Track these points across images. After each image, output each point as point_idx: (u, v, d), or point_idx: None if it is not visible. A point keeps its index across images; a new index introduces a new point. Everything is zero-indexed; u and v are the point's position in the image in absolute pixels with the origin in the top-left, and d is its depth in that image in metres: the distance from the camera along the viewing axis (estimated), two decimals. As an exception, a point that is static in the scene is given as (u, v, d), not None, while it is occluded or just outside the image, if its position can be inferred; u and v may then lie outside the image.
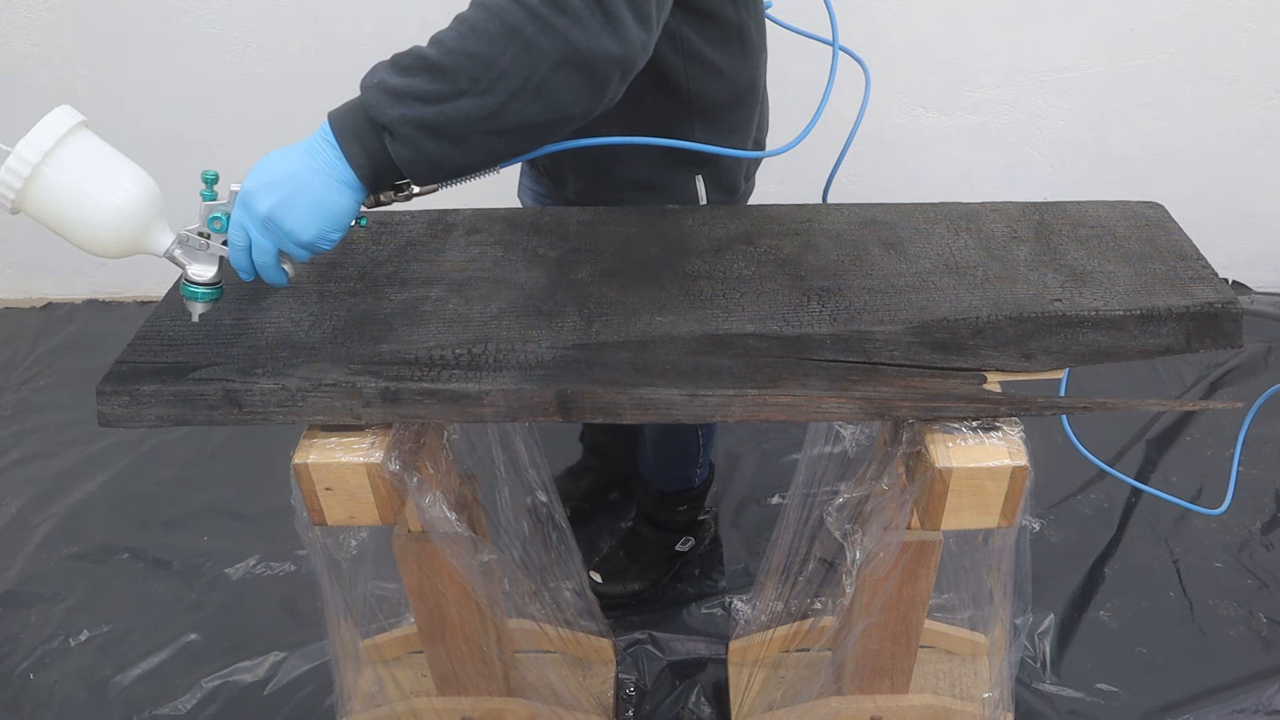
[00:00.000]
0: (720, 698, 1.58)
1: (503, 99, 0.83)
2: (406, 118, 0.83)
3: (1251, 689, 1.56)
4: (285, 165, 0.87)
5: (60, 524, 1.96)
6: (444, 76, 0.82)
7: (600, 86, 0.86)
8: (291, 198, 0.86)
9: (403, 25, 2.22)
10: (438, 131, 0.83)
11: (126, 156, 0.89)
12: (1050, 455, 2.00)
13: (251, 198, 0.87)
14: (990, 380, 0.95)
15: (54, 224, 0.86)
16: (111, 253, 0.89)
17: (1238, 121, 2.28)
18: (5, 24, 2.26)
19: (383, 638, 1.42)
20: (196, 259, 0.92)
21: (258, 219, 0.87)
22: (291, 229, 0.87)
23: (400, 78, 0.83)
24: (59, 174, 0.84)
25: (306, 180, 0.86)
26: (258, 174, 0.88)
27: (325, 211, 0.88)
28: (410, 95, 0.82)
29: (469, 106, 0.82)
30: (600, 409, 0.92)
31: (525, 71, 0.82)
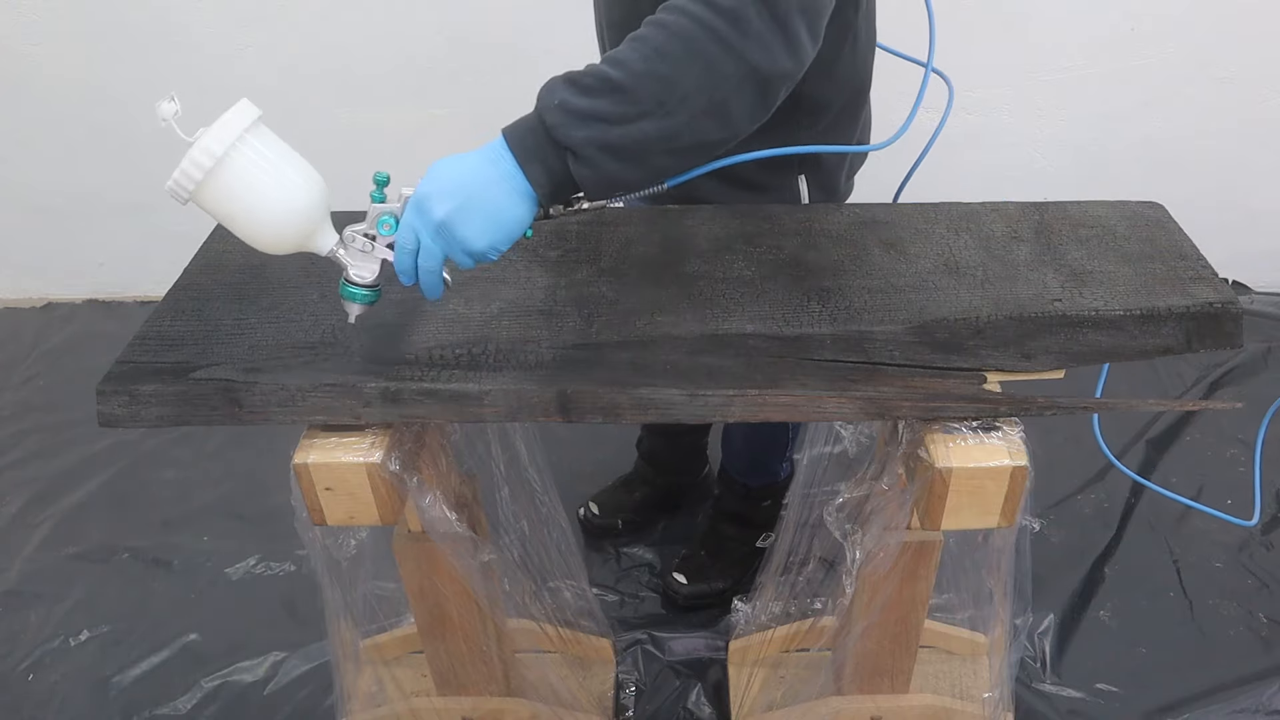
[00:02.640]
0: (720, 698, 1.58)
1: (684, 120, 0.84)
2: (591, 139, 0.83)
3: (1251, 689, 1.56)
4: (463, 174, 0.87)
5: (60, 524, 1.96)
6: (629, 99, 0.82)
7: (771, 102, 0.88)
8: (467, 206, 0.86)
9: (403, 25, 2.23)
10: (619, 152, 0.84)
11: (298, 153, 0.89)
12: (1050, 455, 2.01)
13: (427, 203, 0.87)
14: (990, 380, 0.95)
15: (225, 217, 0.87)
16: (278, 249, 0.90)
17: (1238, 121, 2.28)
18: (5, 24, 2.26)
19: (383, 638, 1.42)
20: (358, 260, 0.92)
21: (431, 225, 0.87)
22: (464, 237, 0.87)
23: (583, 99, 0.83)
24: (238, 169, 0.84)
25: (484, 191, 0.87)
26: (434, 180, 0.87)
27: (500, 223, 0.88)
28: (594, 117, 0.83)
29: (651, 128, 0.83)
30: (600, 409, 0.92)
31: (708, 93, 0.83)
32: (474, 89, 2.30)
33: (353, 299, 0.93)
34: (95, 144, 2.43)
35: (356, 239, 0.91)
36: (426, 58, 2.26)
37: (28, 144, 2.45)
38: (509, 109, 2.41)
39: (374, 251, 0.91)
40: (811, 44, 0.87)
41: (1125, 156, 2.35)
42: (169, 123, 0.83)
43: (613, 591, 1.77)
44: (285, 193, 0.87)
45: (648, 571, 1.82)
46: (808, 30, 0.85)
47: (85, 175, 2.49)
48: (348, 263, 0.92)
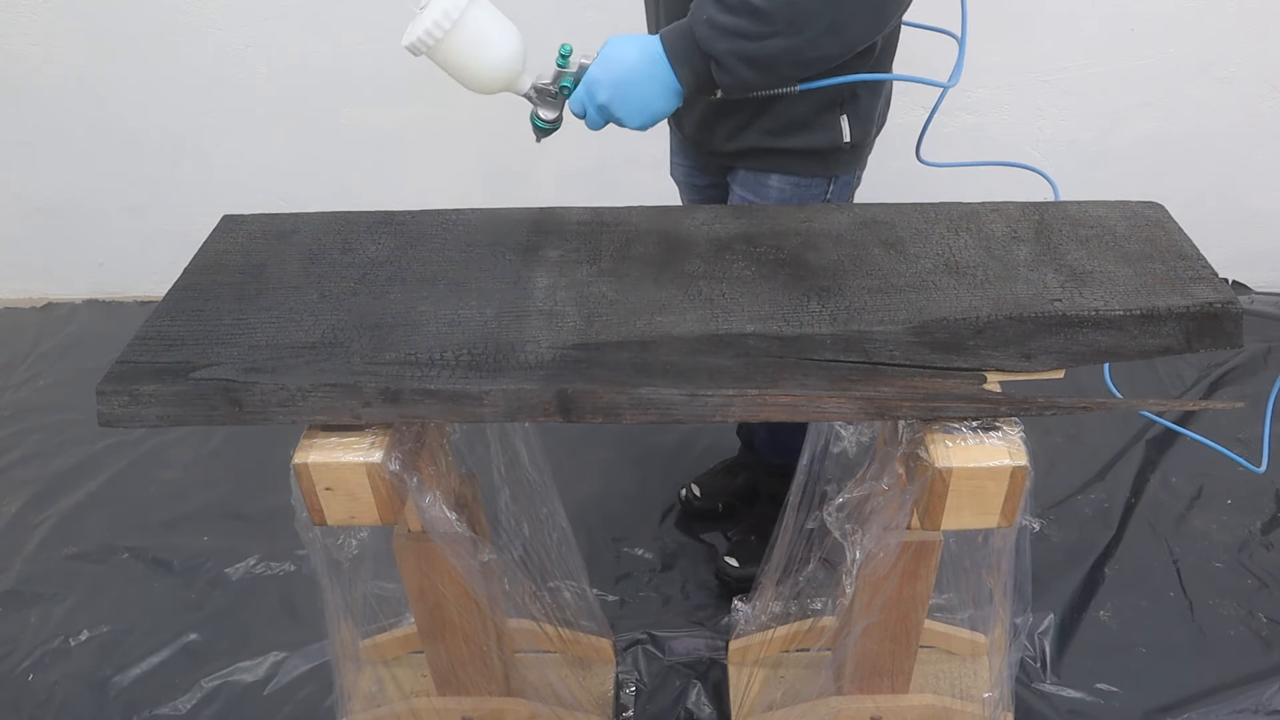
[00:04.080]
0: (720, 698, 1.58)
1: (810, 37, 1.01)
2: (731, 51, 1.02)
3: (1251, 689, 1.56)
4: (625, 64, 1.07)
5: (60, 524, 1.96)
6: (764, 18, 0.99)
7: (882, 23, 1.05)
8: (625, 95, 1.08)
9: (403, 25, 2.23)
10: (754, 63, 1.03)
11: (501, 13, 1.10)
12: (1050, 455, 2.01)
13: (595, 87, 1.09)
14: (990, 380, 0.95)
15: (452, 66, 1.10)
16: (491, 88, 1.12)
17: (1238, 121, 2.28)
18: (5, 24, 2.26)
19: (383, 638, 1.42)
20: (545, 103, 1.15)
21: (595, 103, 1.10)
22: (620, 117, 1.10)
23: (727, 16, 1.01)
24: (472, 23, 1.06)
25: (640, 83, 1.08)
26: (604, 67, 1.08)
27: (650, 111, 1.10)
28: (735, 32, 1.01)
29: (782, 44, 1.01)
30: (600, 409, 0.92)
31: (830, 15, 1.00)
32: (474, 89, 2.30)
33: (539, 129, 1.18)
34: (95, 144, 2.44)
35: (545, 89, 1.14)
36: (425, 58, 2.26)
37: (28, 144, 2.46)
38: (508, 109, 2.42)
39: (555, 99, 1.15)
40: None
41: (1125, 156, 2.35)
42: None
43: (613, 591, 1.77)
44: (500, 48, 1.09)
45: (648, 571, 1.82)
46: None
47: (85, 175, 2.49)
48: (538, 103, 1.15)
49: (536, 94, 1.14)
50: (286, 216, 1.19)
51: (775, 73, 1.06)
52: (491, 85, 1.12)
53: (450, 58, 1.09)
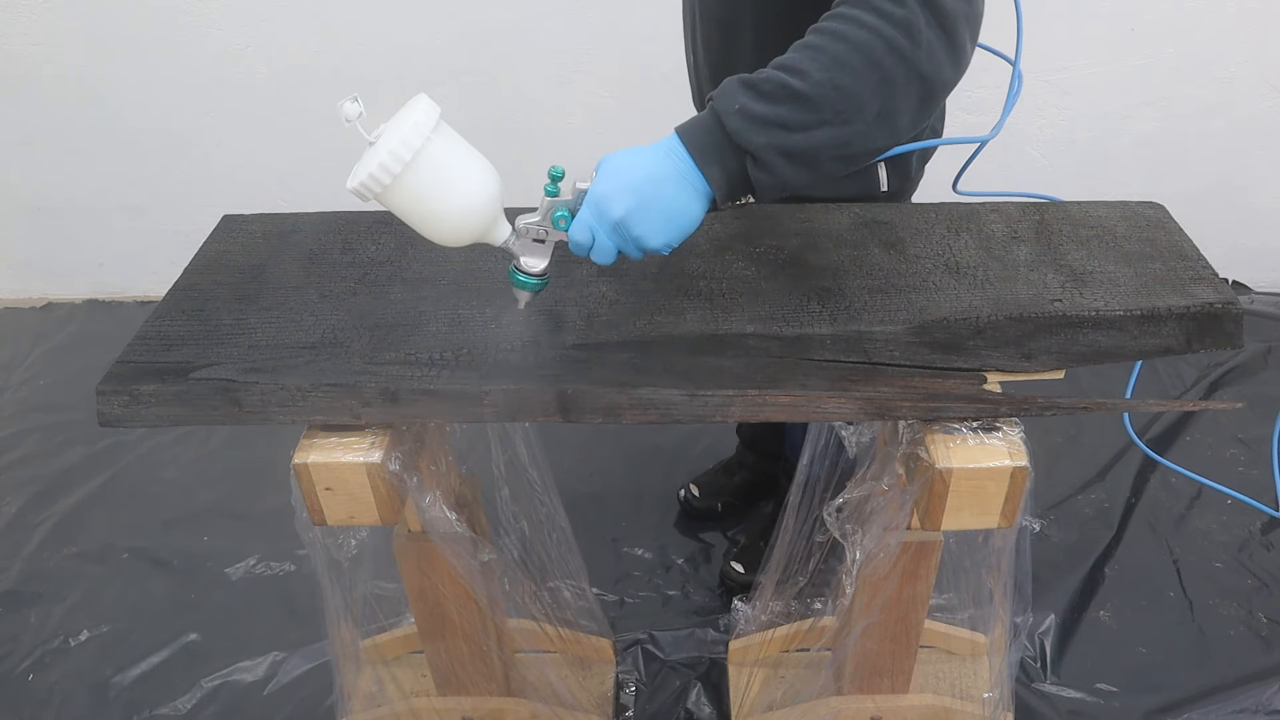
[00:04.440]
0: (720, 698, 1.58)
1: (859, 128, 0.86)
2: (771, 145, 0.85)
3: (1251, 689, 1.56)
4: (640, 172, 0.88)
5: (60, 524, 1.96)
6: (809, 107, 0.84)
7: (932, 109, 0.90)
8: (645, 205, 0.88)
9: (403, 25, 2.23)
10: (795, 157, 0.86)
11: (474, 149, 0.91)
12: (1050, 455, 2.01)
13: (606, 202, 0.88)
14: (990, 380, 0.95)
15: (410, 213, 0.88)
16: (457, 242, 0.91)
17: (1237, 121, 2.28)
18: (5, 24, 2.26)
19: (383, 638, 1.42)
20: (530, 250, 0.94)
21: (608, 223, 0.89)
22: (640, 235, 0.89)
23: (764, 105, 0.85)
24: (428, 167, 0.85)
25: (661, 190, 0.88)
26: (611, 176, 0.89)
27: (677, 221, 0.90)
28: (775, 123, 0.85)
29: (828, 135, 0.86)
30: (600, 409, 0.92)
31: (880, 102, 0.85)
32: (474, 89, 2.30)
33: (523, 287, 0.96)
34: (95, 144, 2.44)
35: (531, 229, 0.93)
36: (426, 58, 2.26)
37: (28, 144, 2.46)
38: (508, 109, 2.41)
39: (546, 242, 0.94)
40: (971, 52, 0.89)
41: (1125, 156, 2.35)
42: (354, 124, 0.84)
43: (613, 591, 1.77)
44: (470, 188, 0.88)
45: (648, 571, 1.82)
46: (970, 39, 0.88)
47: (85, 175, 2.49)
48: (521, 253, 0.94)
49: (519, 240, 0.93)
50: (286, 216, 1.19)
51: (817, 168, 0.89)
52: (461, 235, 0.90)
53: (407, 203, 0.87)
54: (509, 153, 2.40)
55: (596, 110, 2.30)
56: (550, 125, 2.34)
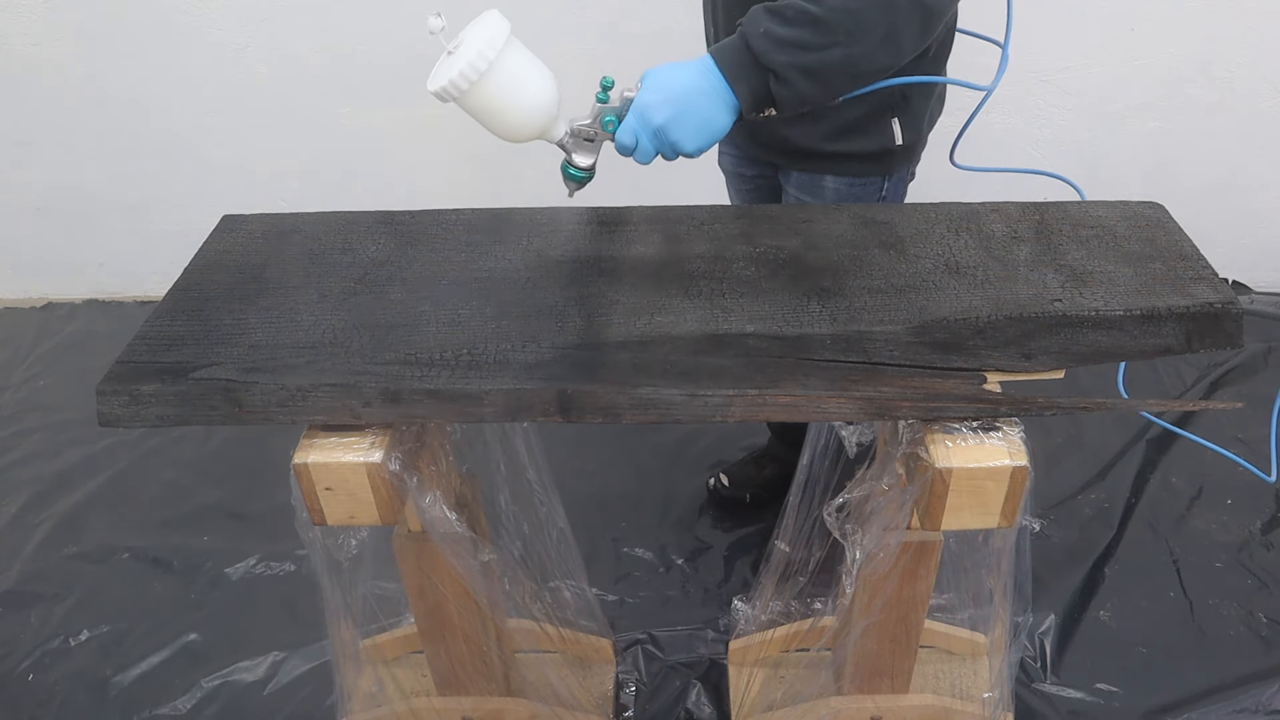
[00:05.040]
0: (720, 698, 1.58)
1: (866, 48, 0.99)
2: (790, 63, 0.99)
3: (1251, 689, 1.56)
4: (679, 86, 1.02)
5: (60, 524, 1.96)
6: (823, 29, 0.98)
7: (931, 33, 1.04)
8: (683, 114, 1.02)
9: (403, 25, 2.23)
10: (812, 74, 1.00)
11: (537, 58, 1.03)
12: (1050, 455, 2.01)
13: (649, 110, 1.02)
14: (990, 380, 0.95)
15: (483, 112, 1.02)
16: (523, 137, 1.05)
17: (1238, 121, 2.28)
18: (5, 24, 2.26)
19: (383, 638, 1.42)
20: (581, 149, 1.08)
21: (650, 128, 1.03)
22: (677, 139, 1.03)
23: (785, 28, 0.98)
24: (505, 70, 0.99)
25: (697, 101, 1.02)
26: (654, 89, 1.02)
27: (710, 129, 1.04)
28: (794, 44, 0.98)
29: (840, 55, 0.99)
30: (600, 409, 0.92)
31: (885, 25, 0.99)
32: (474, 89, 2.30)
33: (573, 179, 1.10)
34: (95, 144, 2.44)
35: (582, 131, 1.06)
36: (426, 58, 2.26)
37: (28, 144, 2.46)
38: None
39: (595, 142, 1.07)
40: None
41: (1125, 156, 2.35)
42: (436, 35, 0.98)
43: (613, 591, 1.77)
44: (534, 91, 1.02)
45: (648, 571, 1.82)
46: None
47: (85, 175, 2.49)
48: (573, 150, 1.08)
49: (572, 139, 1.07)
50: (286, 216, 1.19)
51: (830, 85, 1.02)
52: (525, 133, 1.04)
53: (482, 104, 1.01)
54: (508, 149, 2.41)
55: (596, 110, 2.30)
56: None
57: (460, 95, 0.98)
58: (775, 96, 1.01)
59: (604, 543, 1.87)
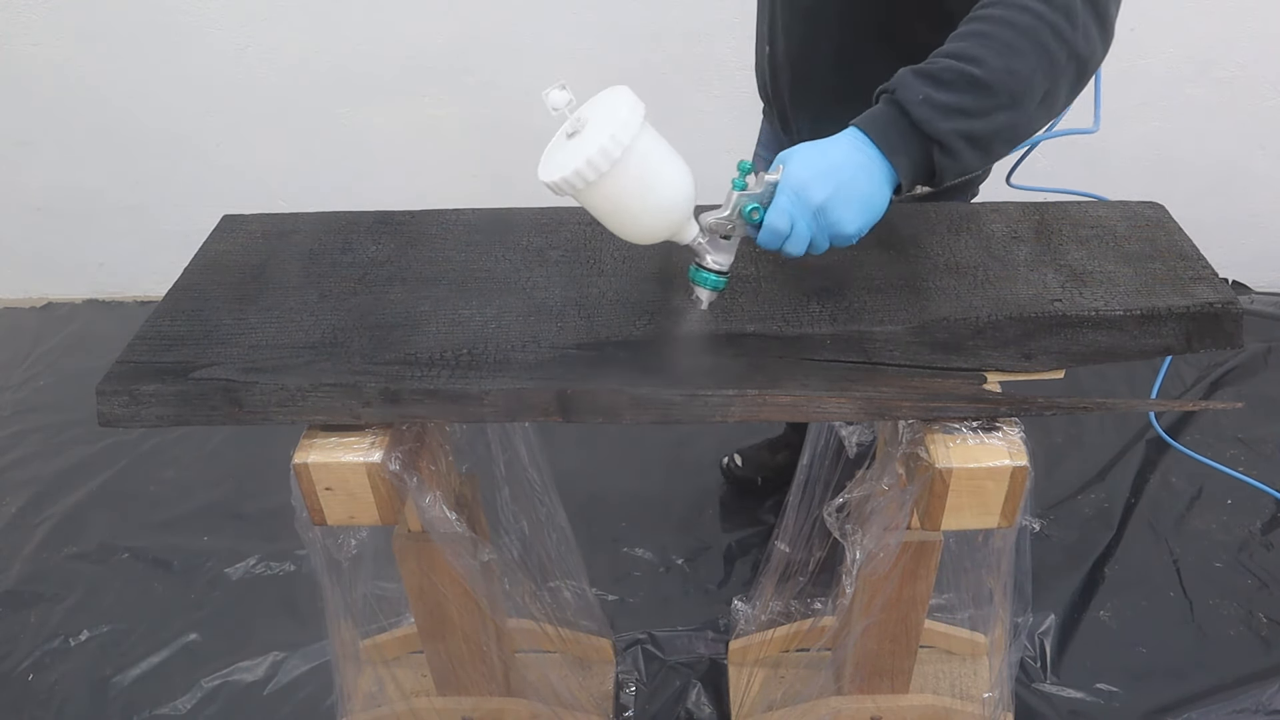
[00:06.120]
0: (720, 698, 1.58)
1: (1029, 112, 0.90)
2: (956, 131, 0.89)
3: (1251, 689, 1.56)
4: (834, 162, 0.90)
5: (60, 524, 1.96)
6: (989, 93, 0.88)
7: (1083, 87, 0.95)
8: (844, 191, 0.90)
9: (402, 25, 2.23)
10: (976, 142, 0.90)
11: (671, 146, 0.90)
12: (1050, 455, 2.01)
13: (807, 190, 0.89)
14: (990, 380, 0.95)
15: (606, 211, 0.88)
16: (650, 240, 0.91)
17: (1238, 122, 2.28)
18: (5, 24, 2.26)
19: (383, 638, 1.42)
20: (717, 248, 0.94)
21: (809, 209, 0.90)
22: (838, 220, 0.90)
23: (947, 94, 0.88)
24: (637, 164, 0.84)
25: (856, 177, 0.90)
26: (806, 164, 0.90)
27: (871, 207, 0.91)
28: (958, 110, 0.88)
29: (1004, 119, 0.90)
30: (600, 409, 0.92)
31: (1047, 85, 0.90)
32: (474, 89, 2.30)
33: (707, 285, 0.95)
34: (95, 144, 2.44)
35: (719, 227, 0.92)
36: (426, 58, 2.26)
37: (28, 144, 2.46)
38: (508, 109, 2.41)
39: (732, 238, 0.93)
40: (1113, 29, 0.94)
41: (1125, 156, 2.35)
42: (561, 111, 0.85)
43: (613, 591, 1.77)
44: (670, 189, 0.88)
45: (648, 571, 1.82)
46: (1117, 16, 0.94)
47: (85, 175, 2.49)
48: (707, 251, 0.94)
49: (707, 238, 0.93)
50: (286, 216, 1.19)
51: (991, 151, 0.92)
52: (654, 234, 0.90)
53: (608, 201, 0.87)
54: (508, 153, 2.42)
55: (596, 110, 2.30)
56: (550, 125, 2.34)
57: (583, 189, 0.84)
58: (937, 166, 0.91)
59: (604, 543, 1.86)
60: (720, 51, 2.20)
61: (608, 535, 1.88)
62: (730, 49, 2.19)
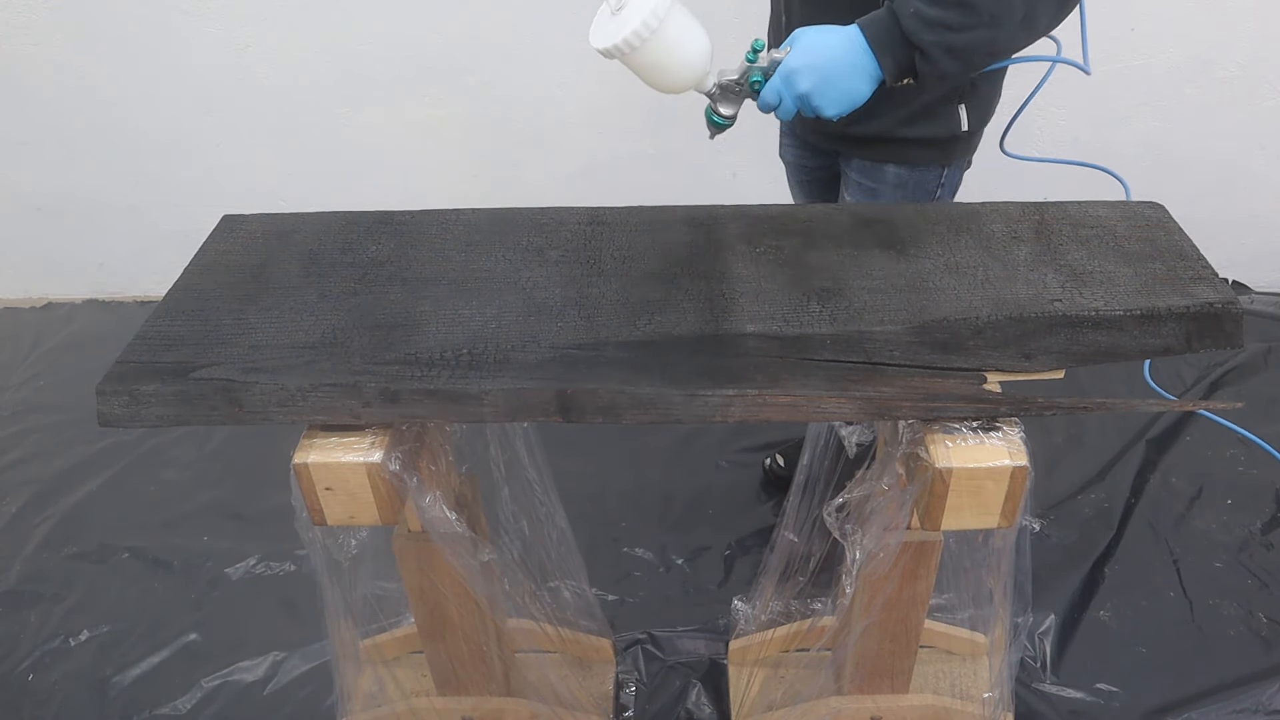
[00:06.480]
0: (720, 698, 1.58)
1: (1007, 30, 1.06)
2: (937, 42, 1.05)
3: (1251, 689, 1.56)
4: (827, 54, 1.09)
5: (60, 524, 1.96)
6: (970, 11, 1.03)
7: (1063, 16, 1.12)
8: (827, 82, 1.10)
9: (402, 25, 2.23)
10: (955, 53, 1.06)
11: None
12: (1050, 455, 2.01)
13: (796, 76, 1.10)
14: (990, 380, 0.95)
15: (645, 67, 1.09)
16: (680, 89, 1.12)
17: (1238, 121, 2.28)
18: (5, 24, 2.26)
19: (383, 638, 1.42)
20: (726, 100, 1.16)
21: (794, 93, 1.11)
22: (819, 105, 1.11)
23: (935, 9, 1.04)
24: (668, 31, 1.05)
25: (842, 70, 1.09)
26: (802, 55, 1.10)
27: (851, 97, 1.11)
28: (941, 24, 1.04)
29: (982, 35, 1.05)
30: (600, 409, 0.92)
31: (1025, 7, 1.05)
32: (474, 89, 2.30)
33: (716, 125, 1.18)
34: (95, 144, 2.44)
35: (729, 85, 1.14)
36: (426, 58, 2.26)
37: (28, 144, 2.46)
38: (508, 109, 2.40)
39: (739, 95, 1.15)
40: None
41: (1125, 156, 2.35)
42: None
43: (613, 591, 1.77)
44: (695, 48, 1.09)
45: (648, 571, 1.82)
46: None
47: (85, 175, 2.49)
48: (719, 100, 1.16)
49: (720, 90, 1.14)
50: (286, 216, 1.19)
51: (970, 64, 1.09)
52: (683, 84, 1.12)
53: (648, 60, 1.08)
54: (509, 151, 2.41)
55: (596, 110, 2.30)
56: (550, 124, 2.34)
57: (629, 52, 1.05)
58: (918, 71, 1.08)
59: (604, 543, 1.87)
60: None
61: (608, 535, 1.89)
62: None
